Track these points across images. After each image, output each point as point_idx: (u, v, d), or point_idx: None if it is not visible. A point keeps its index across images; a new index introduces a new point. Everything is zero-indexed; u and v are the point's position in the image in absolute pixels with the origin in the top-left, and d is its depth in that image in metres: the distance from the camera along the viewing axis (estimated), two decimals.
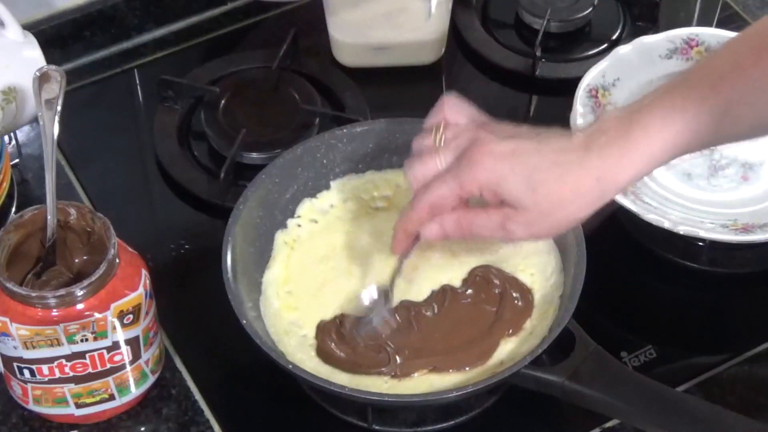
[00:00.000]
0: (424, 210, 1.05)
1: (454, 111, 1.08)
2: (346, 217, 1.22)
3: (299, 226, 1.21)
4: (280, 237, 1.20)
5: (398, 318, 1.14)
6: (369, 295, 1.15)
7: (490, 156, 1.01)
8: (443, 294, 1.15)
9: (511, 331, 1.13)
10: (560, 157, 1.00)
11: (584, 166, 0.99)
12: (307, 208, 1.22)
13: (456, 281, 1.16)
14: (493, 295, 1.15)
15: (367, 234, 1.20)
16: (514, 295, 1.15)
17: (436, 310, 1.14)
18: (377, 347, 1.12)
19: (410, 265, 1.17)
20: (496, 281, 1.15)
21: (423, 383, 1.11)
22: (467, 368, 1.11)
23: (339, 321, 1.14)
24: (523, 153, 1.00)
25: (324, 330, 1.13)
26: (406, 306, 1.15)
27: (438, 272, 1.17)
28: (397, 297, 1.15)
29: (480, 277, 1.16)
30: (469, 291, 1.16)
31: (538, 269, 1.17)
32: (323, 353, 1.12)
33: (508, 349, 1.12)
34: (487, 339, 1.13)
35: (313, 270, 1.18)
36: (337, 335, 1.13)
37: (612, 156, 0.99)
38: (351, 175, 1.24)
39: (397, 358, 1.11)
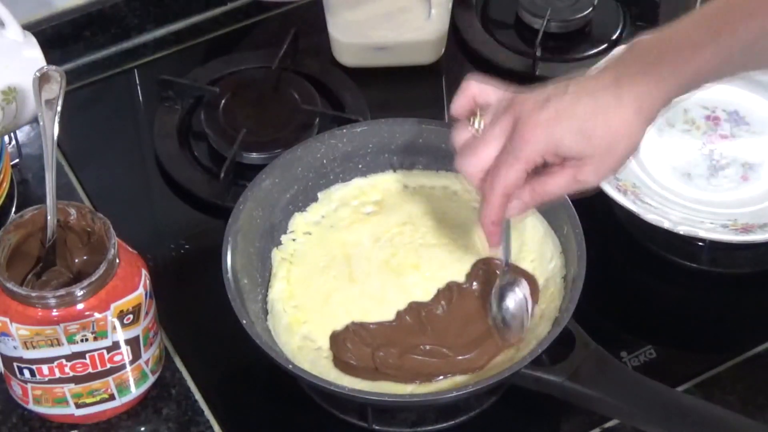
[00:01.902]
0: (500, 200, 1.06)
1: (481, 93, 1.09)
2: (340, 225, 1.22)
3: (294, 240, 1.21)
4: (277, 254, 1.19)
5: (409, 319, 1.14)
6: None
7: (539, 127, 1.02)
8: (450, 291, 1.16)
9: None
10: (598, 101, 1.02)
11: (622, 103, 1.01)
12: (298, 222, 1.22)
13: (459, 277, 1.17)
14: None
15: (364, 240, 1.20)
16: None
17: (445, 308, 1.15)
18: (395, 353, 1.12)
19: (411, 264, 1.17)
20: (499, 272, 1.15)
21: (447, 382, 1.11)
22: (486, 361, 1.11)
23: (352, 330, 1.14)
24: (565, 110, 1.02)
25: (338, 340, 1.13)
26: (416, 307, 1.15)
27: (441, 270, 1.17)
28: (403, 299, 1.15)
29: (483, 271, 1.16)
30: (475, 285, 1.16)
31: (537, 255, 1.18)
32: (341, 364, 1.12)
33: (525, 337, 1.13)
34: None
35: (315, 281, 1.18)
36: (352, 344, 1.12)
37: (645, 86, 1.01)
38: (337, 184, 1.24)
39: (417, 361, 1.12)
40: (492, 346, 1.12)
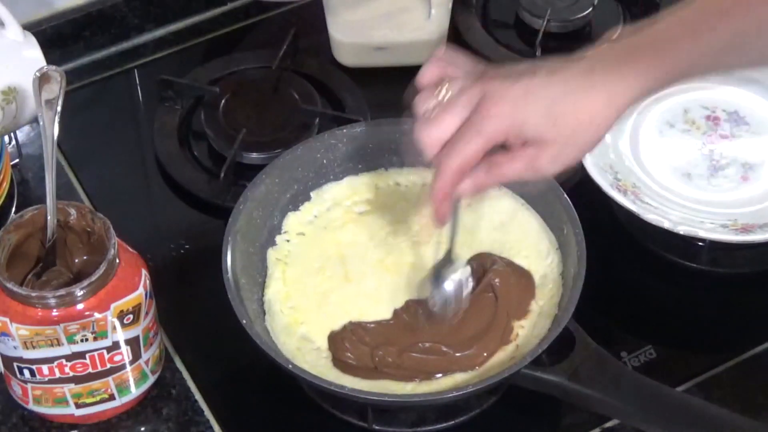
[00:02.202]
0: (455, 174, 1.03)
1: (452, 65, 1.07)
2: (332, 225, 1.22)
3: (288, 241, 1.20)
4: (272, 254, 1.19)
5: (407, 317, 1.14)
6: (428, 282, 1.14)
7: (507, 104, 1.01)
8: None
9: (518, 313, 1.14)
10: (569, 86, 1.01)
11: (593, 92, 1.00)
12: (292, 221, 1.21)
13: None
14: (493, 282, 1.15)
15: (358, 240, 1.20)
16: (513, 279, 1.15)
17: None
18: (394, 352, 1.12)
19: (406, 263, 1.17)
20: (495, 268, 1.15)
21: (448, 381, 1.11)
22: (485, 357, 1.11)
23: (350, 329, 1.14)
24: (535, 91, 1.01)
25: (336, 340, 1.13)
26: (413, 305, 1.15)
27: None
28: (399, 297, 1.15)
29: (477, 265, 1.16)
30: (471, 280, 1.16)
31: (531, 251, 1.18)
32: (341, 364, 1.12)
33: (523, 334, 1.13)
34: (499, 324, 1.13)
35: (311, 282, 1.18)
36: (351, 343, 1.12)
37: (618, 77, 1.00)
38: (330, 183, 1.24)
39: (416, 359, 1.12)
40: (491, 342, 1.12)
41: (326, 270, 1.18)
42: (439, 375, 1.11)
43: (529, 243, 1.18)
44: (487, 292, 1.15)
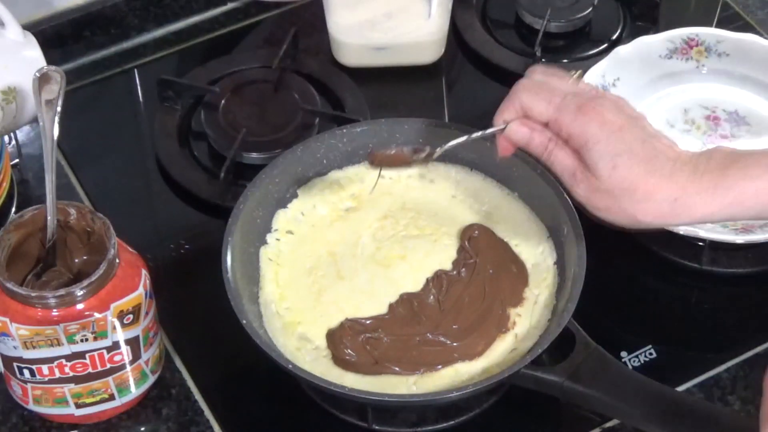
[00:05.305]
0: (513, 104, 1.04)
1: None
2: (320, 224, 1.22)
3: (278, 240, 1.20)
4: (263, 253, 1.19)
5: (402, 311, 1.14)
6: None
7: (599, 117, 1.01)
8: (439, 280, 1.16)
9: (513, 300, 1.14)
10: (656, 158, 1.00)
11: (671, 179, 0.99)
12: (281, 219, 1.21)
13: (446, 265, 1.17)
14: (486, 269, 1.16)
15: (347, 237, 1.20)
16: (508, 264, 1.17)
17: (436, 297, 1.15)
18: (398, 344, 1.12)
19: (397, 256, 1.17)
20: (487, 251, 1.17)
21: (449, 373, 1.11)
22: (484, 346, 1.12)
23: (348, 326, 1.14)
24: (627, 134, 1.00)
25: (335, 338, 1.13)
26: (407, 298, 1.15)
27: (427, 260, 1.18)
28: (393, 291, 1.16)
29: (471, 245, 1.18)
30: (463, 272, 1.16)
31: (521, 239, 1.19)
32: (341, 362, 1.12)
33: (521, 323, 1.14)
34: (494, 312, 1.14)
35: (304, 282, 1.18)
36: (350, 340, 1.13)
37: (700, 185, 0.99)
38: (314, 179, 1.24)
39: (415, 351, 1.12)
40: (487, 330, 1.13)
41: (318, 269, 1.18)
42: (440, 366, 1.11)
43: (519, 232, 1.19)
44: (487, 280, 1.15)
